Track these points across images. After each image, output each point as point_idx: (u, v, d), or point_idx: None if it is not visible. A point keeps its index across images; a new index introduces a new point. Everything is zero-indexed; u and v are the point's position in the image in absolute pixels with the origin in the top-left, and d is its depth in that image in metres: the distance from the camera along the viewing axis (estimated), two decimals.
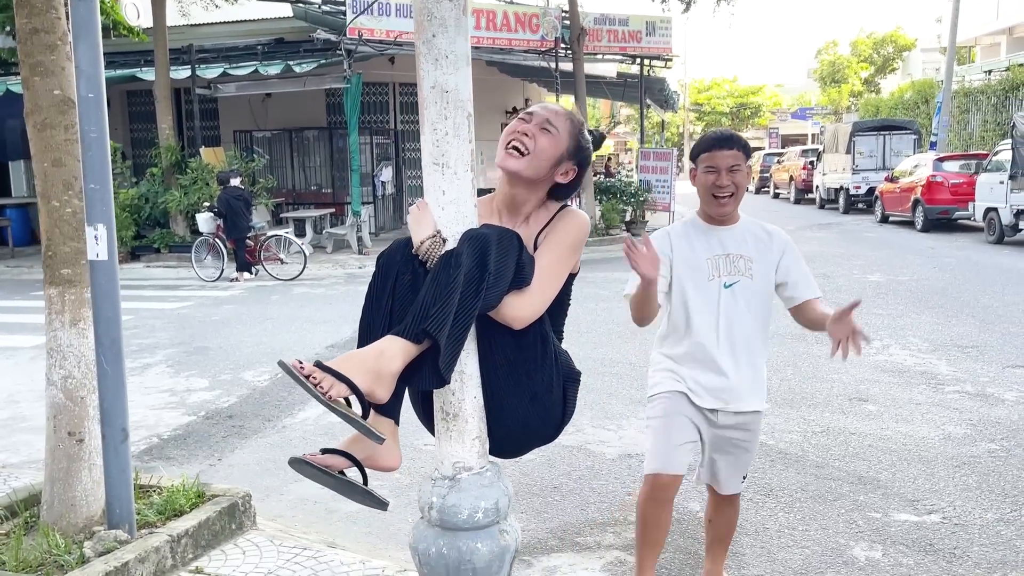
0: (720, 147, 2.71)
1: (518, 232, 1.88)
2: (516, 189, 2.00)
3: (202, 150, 14.94)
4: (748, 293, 2.77)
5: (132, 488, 3.19)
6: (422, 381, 1.77)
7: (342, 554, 3.33)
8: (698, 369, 2.79)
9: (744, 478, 3.03)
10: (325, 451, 1.90)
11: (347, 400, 1.69)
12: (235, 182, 12.53)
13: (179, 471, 4.36)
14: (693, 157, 2.82)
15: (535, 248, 1.95)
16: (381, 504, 1.88)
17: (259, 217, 15.07)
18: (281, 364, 1.67)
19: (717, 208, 2.74)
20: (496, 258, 1.75)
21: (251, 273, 12.53)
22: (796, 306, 2.83)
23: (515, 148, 1.96)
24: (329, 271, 13.32)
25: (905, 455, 4.58)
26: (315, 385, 1.64)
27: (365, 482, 1.88)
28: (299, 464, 1.84)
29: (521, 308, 1.84)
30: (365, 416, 1.71)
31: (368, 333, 1.89)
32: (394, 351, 1.71)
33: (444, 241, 1.81)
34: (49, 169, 3.40)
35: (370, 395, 1.69)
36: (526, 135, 1.96)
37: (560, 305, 2.02)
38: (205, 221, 12.73)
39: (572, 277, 2.02)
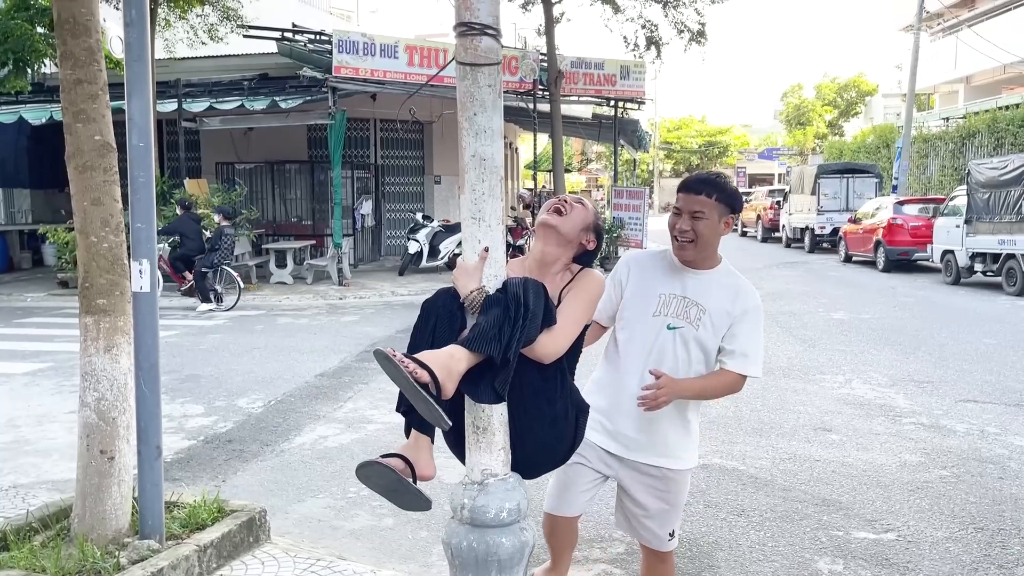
0: (690, 191, 2.61)
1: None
2: (549, 247, 2.44)
3: (186, 181, 15.18)
4: (691, 343, 2.66)
5: (163, 501, 3.46)
6: (481, 396, 2.13)
7: (353, 564, 3.62)
8: (615, 408, 2.74)
9: (672, 536, 2.89)
10: (386, 455, 2.22)
11: (425, 388, 2.03)
12: (220, 219, 12.92)
13: (185, 492, 4.61)
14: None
15: (559, 302, 2.35)
16: (427, 502, 2.21)
17: (240, 247, 15.33)
18: (377, 352, 2.01)
19: (677, 251, 2.67)
20: (532, 300, 2.15)
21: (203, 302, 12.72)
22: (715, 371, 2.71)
23: (556, 210, 2.45)
24: (310, 302, 13.57)
25: (865, 480, 4.97)
26: (405, 367, 1.98)
27: (415, 482, 2.21)
28: (367, 467, 2.15)
29: (549, 346, 2.24)
30: (446, 404, 2.07)
31: None
32: (461, 357, 2.09)
33: (487, 293, 2.20)
34: (89, 208, 3.70)
35: (443, 386, 2.04)
36: (566, 202, 2.47)
37: (575, 349, 2.42)
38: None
39: (586, 327, 2.42)
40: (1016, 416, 6.33)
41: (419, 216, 16.87)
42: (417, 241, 16.05)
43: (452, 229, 15.92)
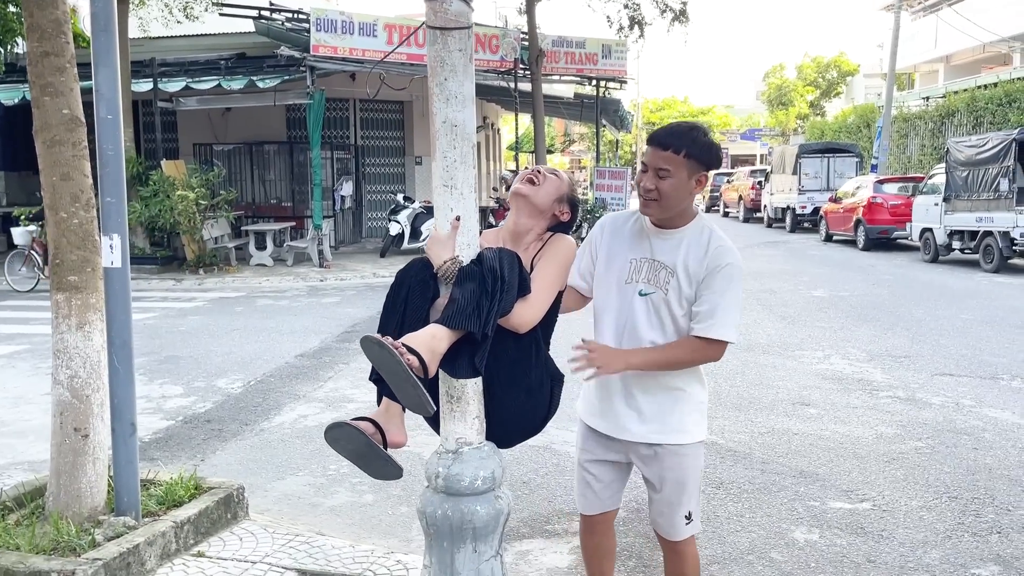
0: (657, 145, 2.38)
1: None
2: (521, 218, 2.44)
3: (163, 163, 14.99)
4: (662, 308, 2.45)
5: (138, 478, 3.44)
6: (459, 372, 2.12)
7: (332, 540, 3.62)
8: (602, 383, 2.54)
9: (689, 519, 2.60)
10: (356, 419, 2.21)
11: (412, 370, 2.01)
12: None
13: (163, 471, 4.58)
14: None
15: (531, 270, 2.34)
16: (397, 470, 2.19)
17: (220, 229, 15.21)
18: (366, 339, 1.98)
19: (641, 208, 2.48)
20: (508, 271, 2.14)
21: None
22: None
23: (529, 180, 2.46)
24: (291, 283, 13.49)
25: (841, 452, 5.02)
26: (400, 353, 1.96)
27: (385, 448, 2.19)
28: (335, 428, 2.13)
29: (525, 315, 2.23)
30: (426, 385, 2.05)
31: (384, 334, 2.22)
32: (441, 336, 2.07)
33: (461, 263, 2.17)
34: (58, 183, 3.64)
35: (428, 368, 2.03)
36: (539, 172, 2.48)
37: (549, 318, 2.41)
38: (21, 234, 13.12)
39: (560, 293, 2.41)
40: (990, 389, 6.40)
41: (400, 197, 16.75)
42: (398, 222, 15.96)
43: (433, 211, 15.82)
